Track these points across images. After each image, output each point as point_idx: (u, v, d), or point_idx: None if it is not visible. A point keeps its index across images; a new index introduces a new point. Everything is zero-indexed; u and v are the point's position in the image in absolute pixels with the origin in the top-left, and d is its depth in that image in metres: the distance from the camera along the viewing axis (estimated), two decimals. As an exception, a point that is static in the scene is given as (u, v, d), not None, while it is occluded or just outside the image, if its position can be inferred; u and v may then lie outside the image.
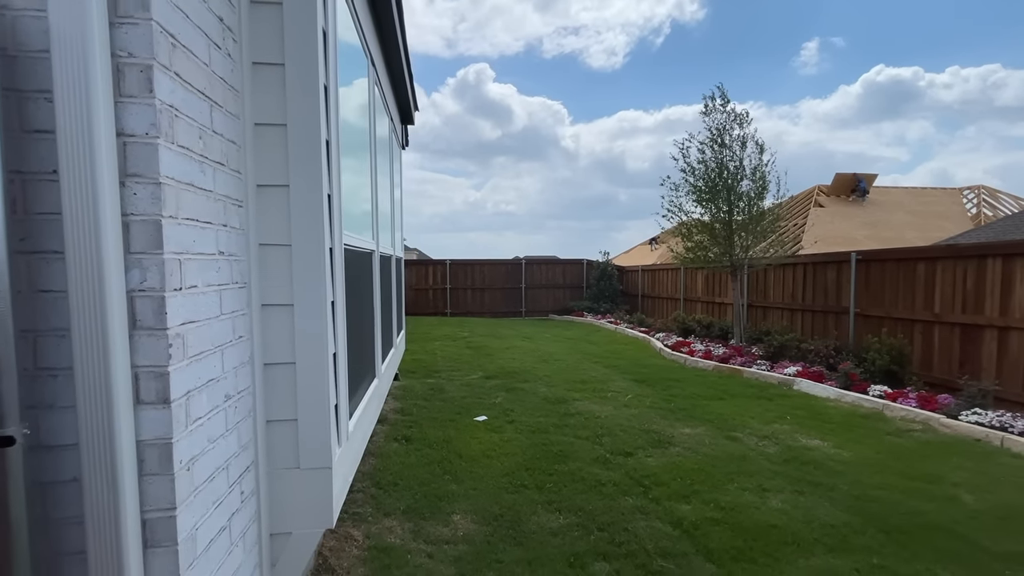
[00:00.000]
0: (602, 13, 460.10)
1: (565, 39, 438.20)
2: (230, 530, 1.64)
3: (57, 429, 1.23)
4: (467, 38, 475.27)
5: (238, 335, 1.73)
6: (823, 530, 3.08)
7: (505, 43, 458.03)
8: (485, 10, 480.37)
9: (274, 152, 1.87)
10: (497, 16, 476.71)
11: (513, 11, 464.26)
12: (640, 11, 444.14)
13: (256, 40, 1.83)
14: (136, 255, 1.26)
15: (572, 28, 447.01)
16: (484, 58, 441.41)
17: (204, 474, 1.47)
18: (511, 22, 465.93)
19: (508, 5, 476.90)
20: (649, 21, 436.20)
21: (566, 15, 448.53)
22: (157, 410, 1.28)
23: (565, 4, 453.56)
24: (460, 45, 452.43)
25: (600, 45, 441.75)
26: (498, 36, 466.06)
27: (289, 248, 1.89)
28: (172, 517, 1.30)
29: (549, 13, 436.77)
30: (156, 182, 1.26)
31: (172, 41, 1.33)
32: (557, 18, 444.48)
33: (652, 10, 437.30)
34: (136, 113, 1.24)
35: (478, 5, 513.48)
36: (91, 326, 1.17)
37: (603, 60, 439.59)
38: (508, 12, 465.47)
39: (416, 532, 3.03)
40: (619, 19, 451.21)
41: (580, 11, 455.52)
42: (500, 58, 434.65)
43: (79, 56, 1.14)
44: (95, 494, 1.19)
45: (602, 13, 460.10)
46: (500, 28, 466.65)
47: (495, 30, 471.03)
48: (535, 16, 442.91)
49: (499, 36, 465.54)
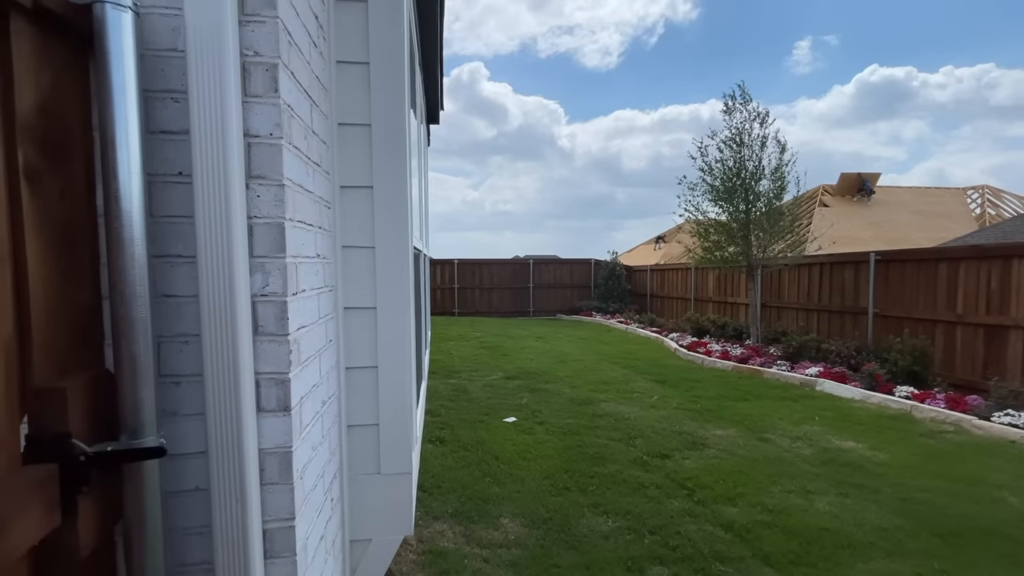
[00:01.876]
0: (596, 12, 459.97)
1: (559, 38, 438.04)
2: (326, 538, 1.61)
3: (180, 437, 1.20)
4: (461, 37, 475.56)
5: (329, 339, 1.70)
6: (876, 533, 3.07)
7: (499, 42, 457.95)
8: (479, 9, 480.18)
9: (358, 153, 1.84)
10: (491, 15, 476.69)
11: (507, 10, 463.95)
12: (633, 10, 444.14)
13: (342, 38, 1.80)
14: (259, 259, 1.23)
15: (566, 27, 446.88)
16: (479, 57, 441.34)
17: (311, 482, 1.44)
18: (505, 21, 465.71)
19: (502, 4, 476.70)
20: (643, 20, 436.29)
21: (560, 14, 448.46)
22: (278, 418, 1.25)
23: (559, 3, 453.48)
24: (454, 44, 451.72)
25: (594, 44, 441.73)
26: (492, 35, 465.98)
27: (372, 250, 1.86)
28: (291, 527, 1.27)
29: (543, 12, 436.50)
30: (280, 184, 1.23)
31: (289, 39, 1.30)
32: (551, 17, 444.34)
33: (645, 9, 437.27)
34: (261, 113, 1.21)
35: (471, 4, 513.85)
36: (222, 332, 1.14)
37: (597, 59, 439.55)
38: (502, 11, 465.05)
39: (468, 536, 3.01)
40: (613, 18, 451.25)
41: (574, 10, 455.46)
42: (495, 57, 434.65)
43: (215, 55, 1.10)
44: (223, 504, 1.16)
45: (596, 12, 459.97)
46: (494, 27, 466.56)
47: (489, 29, 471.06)
48: (528, 15, 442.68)
49: (493, 35, 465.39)
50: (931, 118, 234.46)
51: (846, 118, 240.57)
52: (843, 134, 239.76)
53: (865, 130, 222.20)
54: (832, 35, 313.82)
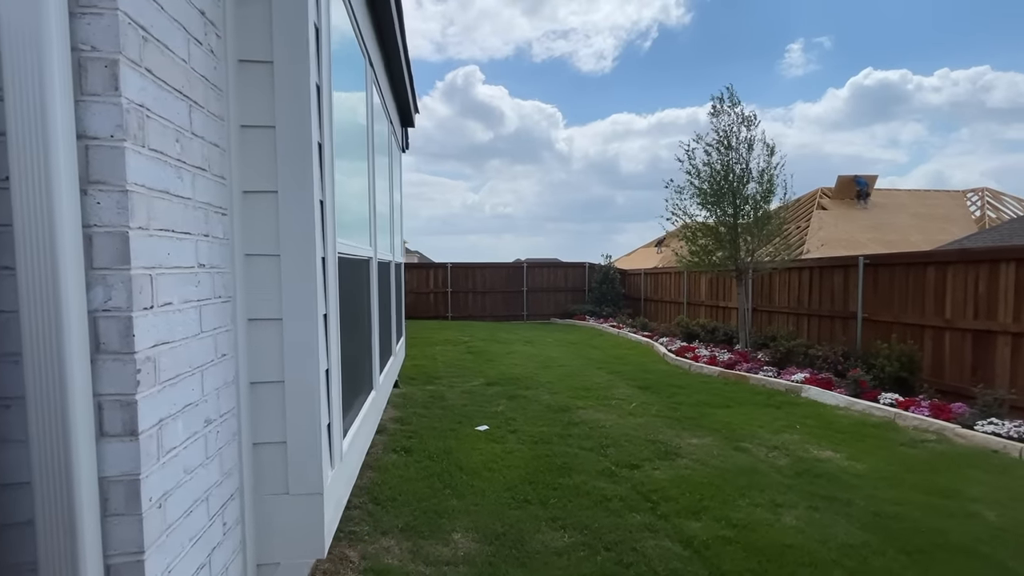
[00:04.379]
0: (590, 17, 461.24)
1: (554, 43, 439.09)
2: (210, 566, 1.51)
3: (11, 466, 1.11)
4: (456, 42, 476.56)
5: (221, 353, 1.60)
6: (841, 551, 2.94)
7: (495, 47, 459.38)
8: (473, 14, 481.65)
9: (262, 156, 1.75)
10: (485, 20, 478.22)
11: (501, 15, 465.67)
12: (627, 14, 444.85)
13: (242, 36, 1.71)
14: (100, 271, 1.13)
15: (560, 32, 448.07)
16: (474, 61, 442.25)
17: (179, 509, 1.34)
18: (499, 26, 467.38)
19: (496, 9, 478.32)
20: (636, 25, 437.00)
21: (554, 19, 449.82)
22: (123, 443, 1.15)
23: (552, 8, 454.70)
24: (450, 49, 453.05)
25: (589, 49, 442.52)
26: (487, 40, 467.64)
27: (278, 258, 1.77)
28: (140, 561, 1.17)
29: (537, 17, 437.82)
30: (122, 190, 1.14)
31: (143, 34, 1.21)
32: (545, 22, 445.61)
33: (638, 13, 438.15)
34: (99, 113, 1.12)
35: (466, 9, 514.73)
36: (46, 350, 1.05)
37: (592, 64, 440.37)
38: (496, 16, 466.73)
39: (415, 552, 2.90)
40: (607, 23, 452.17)
41: (568, 15, 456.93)
42: (490, 62, 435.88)
43: (33, 49, 1.01)
44: (49, 538, 1.07)
45: (590, 17, 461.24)
46: (489, 32, 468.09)
47: (484, 34, 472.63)
48: (523, 20, 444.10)
49: (488, 40, 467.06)
50: (928, 121, 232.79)
51: (842, 121, 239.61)
52: (841, 137, 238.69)
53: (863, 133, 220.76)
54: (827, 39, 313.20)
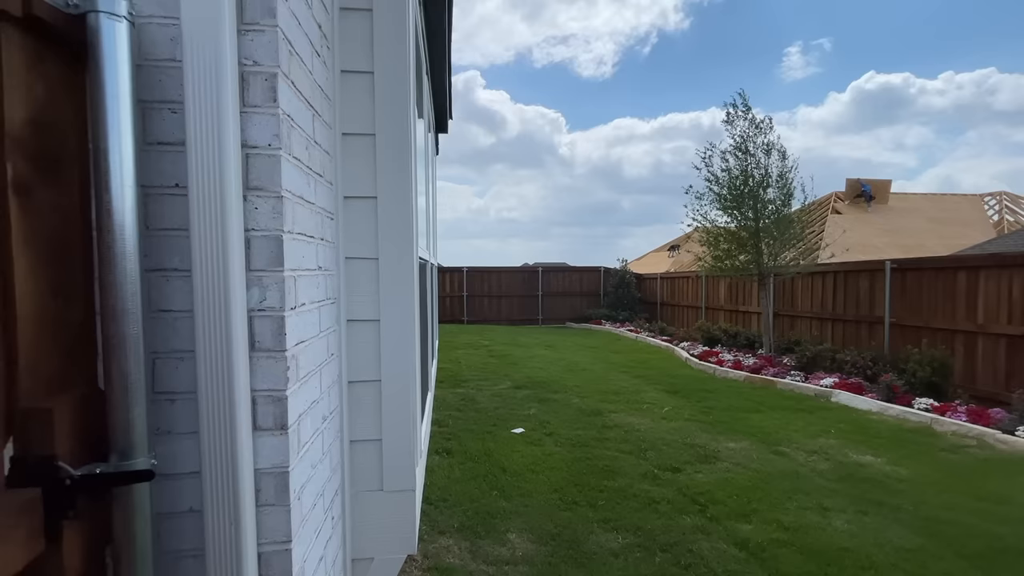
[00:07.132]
0: (589, 22, 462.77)
1: (554, 48, 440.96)
2: (325, 559, 1.56)
3: (175, 457, 1.16)
4: (457, 48, 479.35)
5: (331, 353, 1.66)
6: (898, 554, 2.95)
7: (495, 53, 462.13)
8: (474, 20, 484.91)
9: (362, 163, 1.81)
10: (486, 27, 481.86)
11: (501, 21, 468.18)
12: (626, 19, 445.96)
13: (346, 48, 1.78)
14: (256, 273, 1.19)
15: (560, 37, 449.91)
16: (475, 67, 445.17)
17: (309, 502, 1.40)
18: (500, 32, 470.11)
19: (496, 15, 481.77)
20: (635, 30, 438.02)
21: (553, 24, 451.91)
22: (275, 436, 1.21)
23: (552, 14, 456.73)
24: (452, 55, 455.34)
25: (589, 54, 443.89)
26: (488, 46, 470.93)
27: (376, 262, 1.83)
28: (288, 550, 1.23)
29: (537, 23, 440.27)
30: (278, 196, 1.20)
31: (290, 48, 1.28)
32: (545, 27, 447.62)
33: (637, 19, 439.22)
34: (260, 124, 1.18)
35: (466, 15, 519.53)
36: (217, 348, 1.11)
37: (593, 69, 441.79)
38: (496, 22, 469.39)
39: (474, 552, 2.94)
40: (606, 28, 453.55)
41: (568, 20, 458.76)
42: (491, 67, 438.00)
43: (212, 64, 1.08)
44: (216, 527, 1.12)
45: (589, 22, 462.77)
46: (489, 38, 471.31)
47: (484, 40, 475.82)
48: (523, 26, 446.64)
49: (489, 46, 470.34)
50: (935, 124, 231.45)
51: (846, 124, 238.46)
52: (846, 140, 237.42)
53: (868, 136, 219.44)
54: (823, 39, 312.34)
